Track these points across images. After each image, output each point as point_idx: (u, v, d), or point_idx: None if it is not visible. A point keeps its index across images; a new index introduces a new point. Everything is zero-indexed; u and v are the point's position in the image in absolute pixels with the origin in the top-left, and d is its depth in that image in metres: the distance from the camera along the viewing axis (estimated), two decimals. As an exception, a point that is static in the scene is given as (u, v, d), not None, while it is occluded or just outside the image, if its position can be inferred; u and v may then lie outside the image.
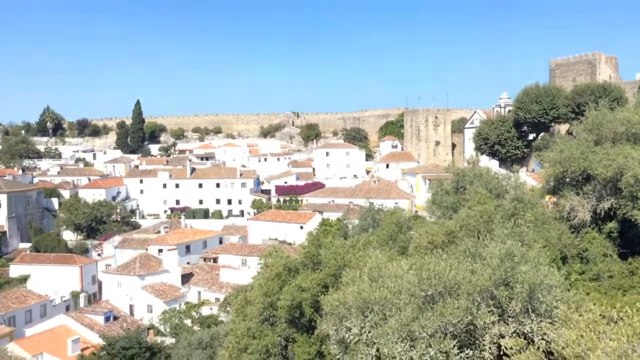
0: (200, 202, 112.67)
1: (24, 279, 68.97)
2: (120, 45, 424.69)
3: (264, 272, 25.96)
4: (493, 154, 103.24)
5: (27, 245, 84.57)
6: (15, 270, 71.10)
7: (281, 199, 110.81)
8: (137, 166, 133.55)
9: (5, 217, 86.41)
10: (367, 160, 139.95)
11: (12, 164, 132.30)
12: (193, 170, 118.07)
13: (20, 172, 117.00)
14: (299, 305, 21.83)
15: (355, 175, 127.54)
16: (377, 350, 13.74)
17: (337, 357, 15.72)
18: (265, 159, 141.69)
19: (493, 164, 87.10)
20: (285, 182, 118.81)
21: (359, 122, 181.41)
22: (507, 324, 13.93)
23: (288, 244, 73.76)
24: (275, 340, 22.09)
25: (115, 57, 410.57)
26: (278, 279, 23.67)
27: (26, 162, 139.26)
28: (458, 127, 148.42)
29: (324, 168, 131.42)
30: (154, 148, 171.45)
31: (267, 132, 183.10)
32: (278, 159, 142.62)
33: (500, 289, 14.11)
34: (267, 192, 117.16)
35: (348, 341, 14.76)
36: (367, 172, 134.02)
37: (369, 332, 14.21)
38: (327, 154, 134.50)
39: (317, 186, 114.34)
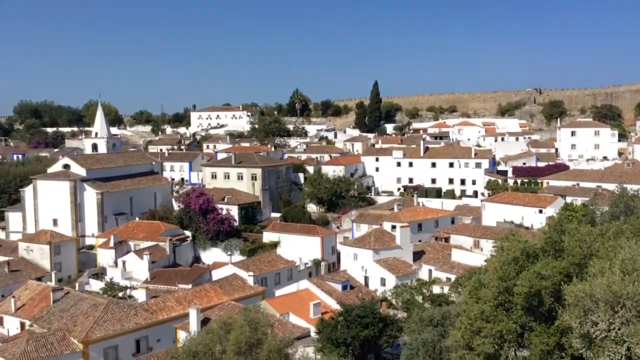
0: (433, 181, 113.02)
1: (274, 245, 77.07)
2: (359, 31, 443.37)
3: (499, 256, 25.22)
4: None
5: (277, 215, 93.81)
6: (267, 236, 79.88)
7: (518, 180, 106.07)
8: (373, 145, 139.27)
9: (260, 189, 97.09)
10: (619, 140, 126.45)
11: (266, 142, 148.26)
12: (426, 149, 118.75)
13: (272, 148, 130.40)
14: (537, 292, 20.78)
15: (604, 157, 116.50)
16: (628, 349, 12.49)
17: (580, 351, 14.69)
18: (502, 139, 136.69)
19: None
20: (524, 163, 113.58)
21: (612, 98, 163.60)
22: None
23: (525, 228, 70.46)
24: (510, 327, 21.35)
25: (356, 42, 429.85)
26: (515, 263, 22.82)
27: (278, 140, 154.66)
28: None
29: (568, 149, 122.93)
30: (389, 127, 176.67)
31: (505, 111, 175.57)
32: (517, 138, 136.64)
33: None
34: (503, 173, 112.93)
35: (593, 336, 13.68)
36: (619, 153, 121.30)
37: (619, 329, 12.97)
38: (573, 133, 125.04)
39: (560, 168, 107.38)
